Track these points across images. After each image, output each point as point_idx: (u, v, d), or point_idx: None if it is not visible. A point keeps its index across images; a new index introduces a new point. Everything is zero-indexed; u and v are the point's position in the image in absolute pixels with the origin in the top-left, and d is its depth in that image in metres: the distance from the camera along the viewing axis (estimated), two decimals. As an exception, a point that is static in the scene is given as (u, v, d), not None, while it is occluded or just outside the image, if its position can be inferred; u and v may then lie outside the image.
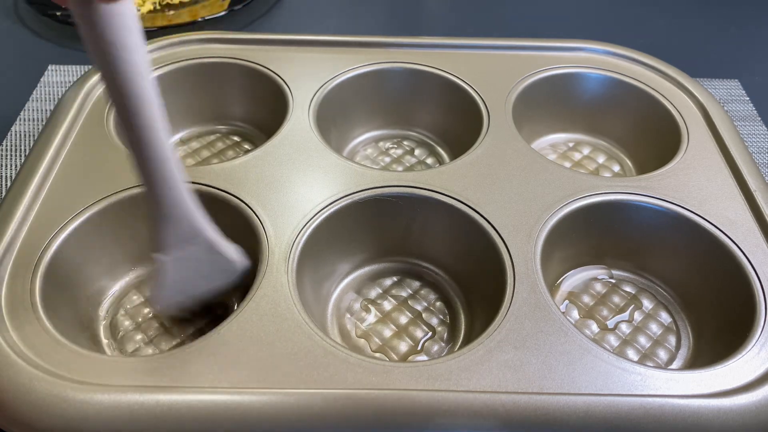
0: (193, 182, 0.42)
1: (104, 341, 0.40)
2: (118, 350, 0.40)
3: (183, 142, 0.54)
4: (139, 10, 0.70)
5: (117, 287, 0.43)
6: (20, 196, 0.40)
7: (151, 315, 0.42)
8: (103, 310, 0.42)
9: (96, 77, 0.50)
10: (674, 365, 0.40)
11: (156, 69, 0.51)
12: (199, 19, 0.68)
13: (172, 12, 0.71)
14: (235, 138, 0.55)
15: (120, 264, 0.43)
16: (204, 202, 0.42)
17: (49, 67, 0.62)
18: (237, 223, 0.41)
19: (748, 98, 0.62)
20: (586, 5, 0.77)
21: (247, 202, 0.41)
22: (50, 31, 0.68)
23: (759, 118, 0.59)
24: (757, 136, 0.58)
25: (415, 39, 0.55)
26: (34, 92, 0.59)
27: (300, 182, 0.43)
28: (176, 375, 0.33)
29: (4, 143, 0.54)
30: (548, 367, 0.34)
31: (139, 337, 0.41)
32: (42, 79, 0.61)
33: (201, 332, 0.40)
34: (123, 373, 0.32)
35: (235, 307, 0.39)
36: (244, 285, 0.38)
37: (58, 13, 0.67)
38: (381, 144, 0.55)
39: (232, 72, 0.53)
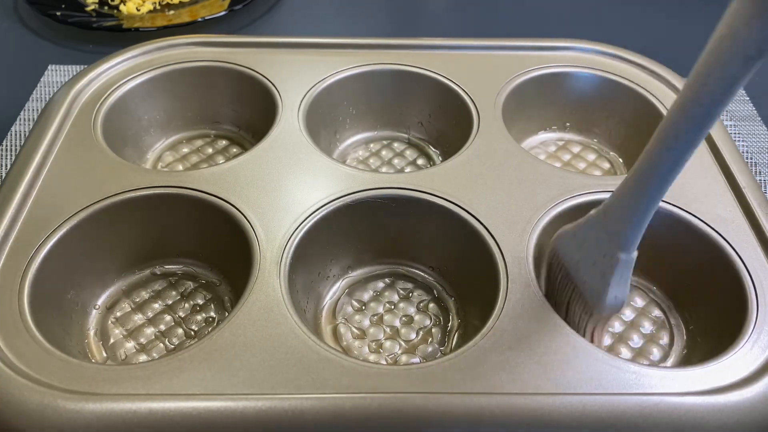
0: (182, 187, 0.42)
1: (95, 349, 0.40)
2: (109, 358, 0.39)
3: (172, 146, 0.53)
4: (139, 10, 0.70)
5: (106, 294, 0.42)
6: (6, 203, 0.40)
7: (141, 322, 0.41)
8: (93, 318, 0.41)
9: (84, 79, 0.49)
10: (668, 363, 0.40)
11: (144, 73, 0.51)
12: (199, 19, 0.67)
13: (172, 12, 0.71)
14: (225, 142, 0.54)
15: (109, 271, 0.43)
16: (194, 207, 0.42)
17: (49, 67, 0.62)
18: (227, 227, 0.41)
19: (748, 98, 0.62)
20: (582, 5, 0.77)
21: (237, 207, 0.41)
22: (50, 31, 0.68)
23: (759, 118, 0.59)
24: (757, 136, 0.58)
25: (405, 40, 0.54)
26: (34, 92, 0.59)
27: (290, 185, 0.43)
28: (168, 382, 0.32)
29: (4, 143, 0.54)
30: (543, 367, 0.34)
31: (129, 344, 0.40)
32: (42, 79, 0.61)
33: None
34: (114, 382, 0.32)
35: (227, 313, 0.39)
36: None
37: (58, 13, 0.67)
38: (371, 146, 0.55)
39: (220, 75, 0.52)
